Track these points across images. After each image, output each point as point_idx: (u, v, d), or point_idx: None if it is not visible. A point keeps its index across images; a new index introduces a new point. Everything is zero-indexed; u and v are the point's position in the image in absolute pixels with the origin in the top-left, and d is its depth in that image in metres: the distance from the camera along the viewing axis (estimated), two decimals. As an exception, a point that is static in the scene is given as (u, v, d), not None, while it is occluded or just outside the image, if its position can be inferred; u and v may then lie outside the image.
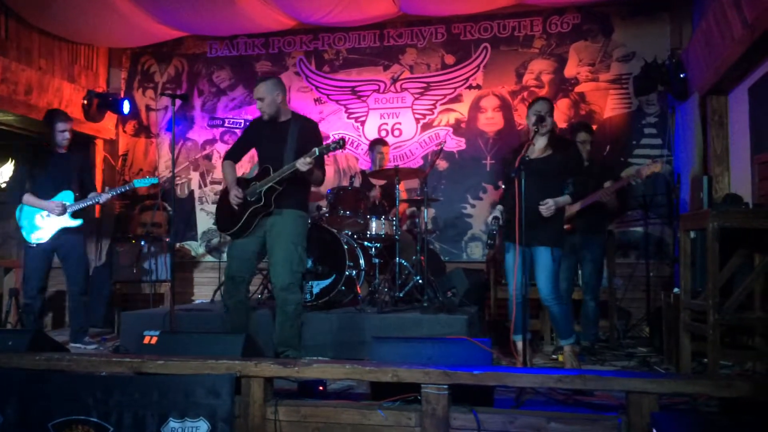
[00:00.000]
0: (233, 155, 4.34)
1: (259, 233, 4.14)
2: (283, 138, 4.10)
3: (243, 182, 4.22)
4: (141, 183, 5.26)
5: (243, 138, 4.36)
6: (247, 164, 6.26)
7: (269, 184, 4.02)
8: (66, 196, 5.09)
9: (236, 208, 4.11)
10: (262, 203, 4.05)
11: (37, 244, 5.02)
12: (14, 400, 2.86)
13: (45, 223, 5.02)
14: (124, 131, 7.44)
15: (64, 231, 5.08)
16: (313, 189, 6.56)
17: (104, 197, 5.12)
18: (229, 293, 4.17)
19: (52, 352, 3.17)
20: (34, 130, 6.40)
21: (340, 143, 3.91)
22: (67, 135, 5.12)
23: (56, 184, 5.09)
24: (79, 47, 6.94)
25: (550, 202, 3.85)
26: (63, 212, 4.99)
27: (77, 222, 5.09)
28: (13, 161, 5.32)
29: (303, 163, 3.85)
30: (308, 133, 4.14)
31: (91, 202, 5.12)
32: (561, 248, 4.03)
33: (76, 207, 5.07)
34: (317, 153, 3.88)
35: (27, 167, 5.14)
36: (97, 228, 7.19)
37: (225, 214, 4.20)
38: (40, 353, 3.06)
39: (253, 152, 4.40)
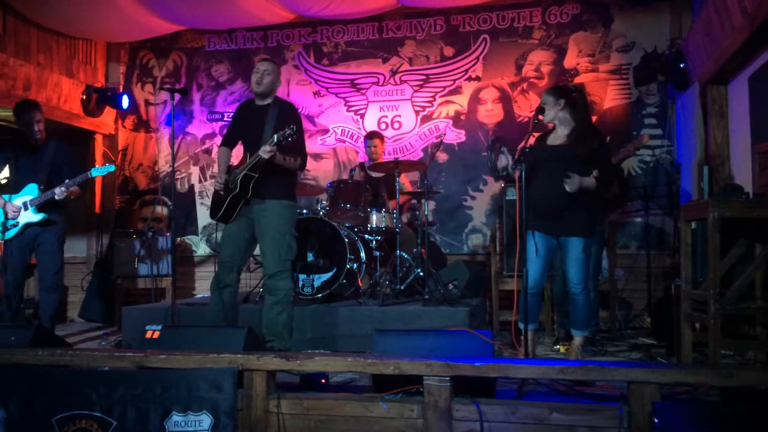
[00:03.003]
0: (227, 141, 4.41)
1: (248, 220, 4.18)
2: (262, 122, 4.15)
3: (231, 169, 4.29)
4: (98, 172, 4.96)
5: (233, 123, 4.45)
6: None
7: (244, 172, 4.06)
8: (30, 190, 4.86)
9: (221, 194, 4.19)
10: (238, 190, 4.08)
11: (4, 240, 4.82)
12: (18, 396, 2.87)
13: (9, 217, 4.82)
14: (124, 126, 7.43)
15: (30, 226, 4.83)
16: (312, 183, 6.64)
17: (59, 191, 4.76)
18: (219, 278, 4.18)
19: (54, 347, 3.17)
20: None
21: (293, 130, 3.90)
22: (42, 126, 4.92)
23: (24, 178, 4.87)
24: (78, 42, 6.92)
25: (576, 177, 3.78)
26: (16, 215, 4.77)
27: (39, 217, 4.81)
28: None
29: (264, 151, 3.90)
30: (286, 115, 4.15)
31: (50, 196, 4.77)
32: (592, 237, 4.00)
33: (38, 201, 4.79)
34: (275, 140, 3.88)
35: (2, 162, 4.96)
36: (97, 223, 7.20)
37: (214, 200, 4.32)
38: (42, 348, 3.06)
39: None
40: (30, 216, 4.80)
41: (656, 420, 2.40)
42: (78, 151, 6.59)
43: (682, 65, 5.45)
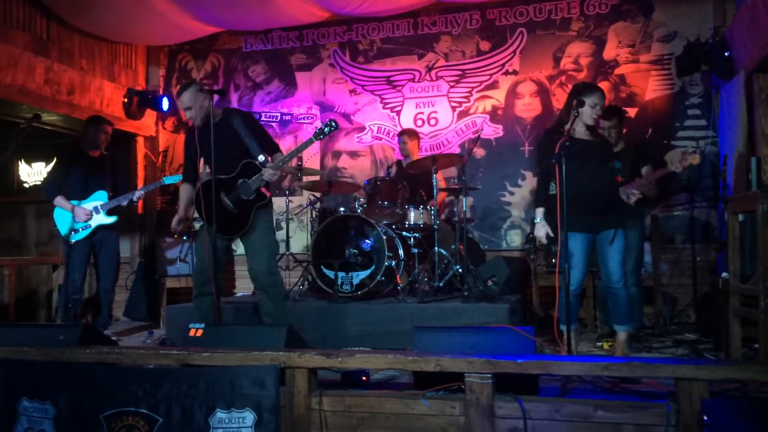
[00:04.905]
0: (190, 176, 4.35)
1: None
2: (234, 133, 4.08)
3: (225, 183, 4.15)
4: (170, 180, 5.59)
5: (187, 155, 4.37)
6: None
7: (258, 184, 4.06)
8: (100, 196, 5.42)
9: (231, 210, 4.13)
10: (265, 200, 4.14)
11: (76, 241, 5.28)
12: (67, 393, 2.94)
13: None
14: (164, 128, 7.56)
15: (101, 228, 5.40)
16: (350, 180, 6.65)
17: (135, 195, 5.45)
18: (197, 286, 4.22)
19: (101, 345, 3.24)
20: (78, 130, 6.54)
21: (332, 125, 3.93)
22: (108, 139, 5.53)
23: (91, 184, 5.42)
24: (119, 46, 7.06)
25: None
26: (88, 219, 5.30)
27: (112, 219, 5.41)
28: (55, 160, 5.64)
29: (270, 175, 4.00)
30: (252, 122, 4.23)
31: (125, 201, 5.42)
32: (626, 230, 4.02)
33: (110, 206, 5.39)
34: (314, 139, 3.98)
35: (64, 168, 5.47)
36: (140, 224, 7.34)
37: (223, 219, 4.14)
38: (90, 347, 3.13)
39: None
40: (103, 219, 5.39)
41: (705, 417, 2.34)
42: (121, 155, 6.78)
43: (726, 54, 5.28)
